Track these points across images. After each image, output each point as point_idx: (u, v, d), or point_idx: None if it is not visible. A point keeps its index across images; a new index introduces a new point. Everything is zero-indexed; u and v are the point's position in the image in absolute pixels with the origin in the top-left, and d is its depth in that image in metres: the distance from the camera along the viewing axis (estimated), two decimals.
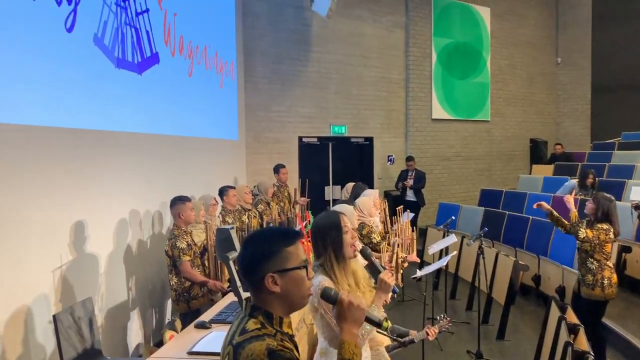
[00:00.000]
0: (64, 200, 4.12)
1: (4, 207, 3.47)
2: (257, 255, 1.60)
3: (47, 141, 3.98)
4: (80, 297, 4.07)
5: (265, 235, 1.68)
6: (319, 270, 2.44)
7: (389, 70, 11.09)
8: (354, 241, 2.48)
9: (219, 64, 7.68)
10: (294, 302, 1.63)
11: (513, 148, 13.28)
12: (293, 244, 1.63)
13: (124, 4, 5.04)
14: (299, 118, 9.84)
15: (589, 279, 4.69)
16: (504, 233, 8.01)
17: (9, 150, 3.58)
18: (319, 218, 2.59)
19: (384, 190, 11.03)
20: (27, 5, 3.68)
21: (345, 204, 4.57)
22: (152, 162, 5.66)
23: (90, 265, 4.46)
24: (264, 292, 1.59)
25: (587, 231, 4.61)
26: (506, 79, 13.04)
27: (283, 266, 1.59)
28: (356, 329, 1.73)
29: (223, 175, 7.69)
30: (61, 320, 3.15)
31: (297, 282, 1.61)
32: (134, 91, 5.28)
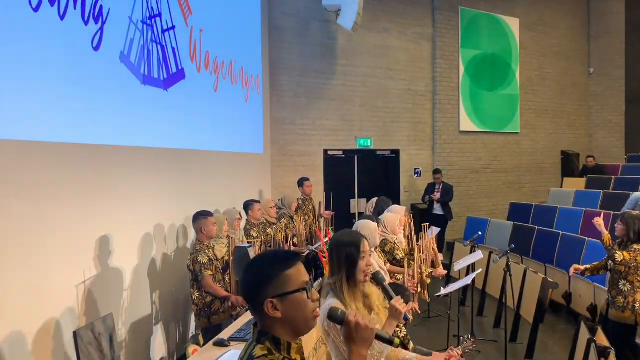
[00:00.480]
0: (89, 215, 4.19)
1: (28, 222, 3.54)
2: (256, 281, 1.58)
3: (73, 157, 4.05)
4: (104, 312, 4.12)
5: (264, 259, 1.65)
6: (331, 292, 2.41)
7: (416, 83, 11.02)
8: (368, 269, 2.43)
9: (244, 79, 7.76)
10: (298, 327, 1.60)
11: (544, 160, 13.01)
12: (292, 267, 1.60)
13: (151, 22, 5.13)
14: (324, 131, 9.85)
15: (619, 301, 4.53)
16: (533, 248, 7.82)
17: (35, 166, 3.65)
18: (341, 234, 2.56)
19: (410, 203, 10.92)
20: (55, 25, 3.78)
21: (369, 220, 4.53)
22: (177, 177, 5.73)
23: (115, 280, 4.52)
24: (267, 318, 1.57)
25: (623, 253, 4.45)
26: (536, 90, 12.81)
27: (282, 290, 1.56)
28: (365, 350, 1.67)
29: (248, 188, 7.74)
30: (81, 336, 3.19)
31: (298, 305, 1.58)
32: (160, 107, 5.36)
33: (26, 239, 3.51)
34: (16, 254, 3.41)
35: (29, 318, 3.47)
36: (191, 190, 5.96)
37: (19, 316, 3.39)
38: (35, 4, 3.55)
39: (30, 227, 3.55)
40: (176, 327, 5.59)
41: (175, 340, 5.54)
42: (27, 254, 3.50)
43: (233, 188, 7.17)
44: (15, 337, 3.31)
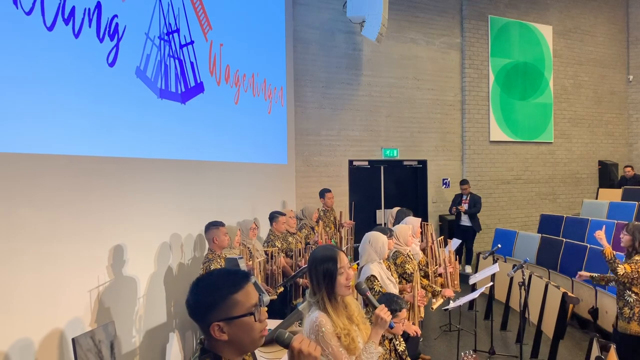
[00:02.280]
0: (104, 225, 4.34)
1: (42, 232, 3.70)
2: (202, 304, 1.59)
3: (89, 169, 4.21)
4: (117, 318, 4.25)
5: (212, 282, 1.64)
6: (314, 306, 2.42)
7: (444, 92, 10.92)
8: (348, 282, 2.43)
9: (267, 91, 7.88)
10: (244, 347, 1.61)
11: (580, 171, 12.63)
12: (240, 290, 1.60)
13: (168, 38, 5.30)
14: (350, 142, 9.87)
15: (626, 312, 4.41)
16: (560, 262, 7.59)
17: (51, 178, 3.82)
18: (318, 250, 2.56)
19: (438, 214, 10.80)
20: (70, 43, 3.96)
21: (379, 232, 4.53)
22: (196, 188, 5.86)
23: (129, 288, 4.65)
24: (213, 339, 1.58)
25: (625, 266, 4.34)
26: (571, 99, 12.48)
27: (229, 314, 1.57)
28: None
29: (271, 199, 7.83)
30: (80, 343, 3.29)
31: (245, 328, 1.59)
32: (178, 120, 5.51)
33: (39, 248, 3.66)
34: (29, 263, 3.57)
35: (40, 325, 3.62)
36: (209, 200, 6.08)
37: (30, 323, 3.53)
38: (49, 23, 3.73)
39: (44, 236, 3.71)
40: (192, 334, 5.69)
41: (191, 348, 5.64)
42: (40, 263, 3.65)
43: (254, 198, 7.28)
44: (24, 344, 3.46)
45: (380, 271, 4.20)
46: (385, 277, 4.22)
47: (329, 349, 2.32)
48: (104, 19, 4.31)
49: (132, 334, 4.71)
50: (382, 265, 4.34)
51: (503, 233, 9.25)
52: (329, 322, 2.35)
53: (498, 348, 6.16)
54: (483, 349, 6.05)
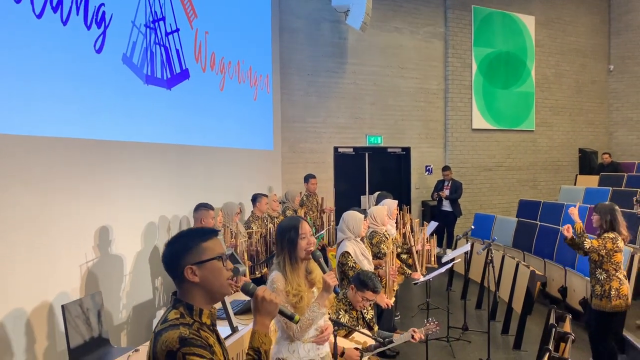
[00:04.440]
0: (93, 206, 4.55)
1: (35, 212, 3.91)
2: (177, 251, 1.81)
3: (79, 152, 4.42)
4: (105, 293, 4.48)
5: (185, 233, 1.88)
6: (276, 267, 2.69)
7: (427, 81, 11.16)
8: (309, 247, 2.69)
9: (252, 78, 8.08)
10: (213, 291, 1.83)
11: (560, 158, 12.95)
12: (209, 240, 1.83)
13: (154, 26, 5.49)
14: (335, 129, 10.10)
15: (597, 290, 4.67)
16: (535, 244, 7.90)
17: (42, 159, 4.02)
18: (283, 221, 2.83)
19: (421, 200, 11.09)
20: (58, 30, 4.15)
21: (355, 212, 4.79)
22: (182, 172, 6.08)
23: (116, 265, 4.89)
24: (186, 284, 1.79)
25: (592, 242, 4.60)
26: (552, 88, 12.76)
27: (200, 258, 1.79)
28: (268, 320, 1.90)
29: (257, 184, 8.05)
30: (69, 310, 3.53)
31: (214, 272, 1.80)
32: (164, 105, 5.71)
33: (32, 227, 3.88)
34: (22, 241, 3.78)
35: (32, 297, 3.84)
36: (195, 184, 6.30)
37: (23, 296, 3.76)
38: (38, 11, 3.92)
39: (36, 216, 3.93)
40: None
41: None
42: (33, 241, 3.87)
43: (240, 183, 7.50)
44: (18, 313, 3.69)
45: (354, 248, 4.45)
46: (360, 253, 4.48)
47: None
48: (91, 7, 4.49)
49: (120, 308, 4.95)
50: (358, 243, 4.59)
51: (482, 217, 9.55)
52: (281, 281, 2.63)
53: (472, 325, 6.46)
54: (457, 325, 6.35)
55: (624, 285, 4.64)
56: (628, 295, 4.68)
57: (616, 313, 4.67)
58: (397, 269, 5.26)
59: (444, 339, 5.92)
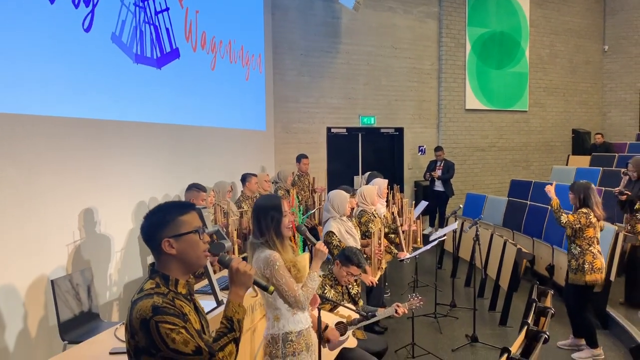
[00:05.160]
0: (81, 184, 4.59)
1: (22, 189, 3.96)
2: (155, 224, 1.87)
3: (66, 130, 4.45)
4: (96, 271, 4.55)
5: (162, 207, 1.93)
6: (264, 246, 2.74)
7: (421, 61, 11.14)
8: (289, 224, 2.76)
9: (244, 58, 8.06)
10: (190, 262, 1.89)
11: (553, 139, 13.00)
12: (187, 214, 1.89)
13: (143, 4, 5.47)
14: (328, 109, 10.11)
15: (573, 264, 4.83)
16: (524, 223, 7.99)
17: (29, 137, 4.05)
18: (262, 199, 2.88)
19: (414, 180, 11.16)
20: (46, 8, 4.15)
21: (340, 191, 4.85)
22: (172, 151, 6.11)
23: (106, 243, 4.95)
24: (163, 255, 1.86)
25: (568, 216, 4.74)
26: (547, 68, 12.76)
27: (177, 231, 1.85)
28: (242, 291, 1.95)
29: (250, 164, 8.09)
30: (59, 285, 3.60)
31: (191, 244, 1.87)
32: (154, 84, 5.72)
33: (20, 204, 3.92)
34: (11, 217, 3.83)
35: (23, 274, 3.90)
36: (186, 163, 6.34)
37: (13, 273, 3.81)
38: None
39: (23, 193, 3.97)
40: None
41: None
42: (21, 218, 3.92)
43: (232, 163, 7.54)
44: (9, 288, 3.75)
45: (339, 227, 4.52)
46: (345, 231, 4.55)
47: (282, 279, 2.65)
48: None
49: (111, 285, 5.03)
50: (343, 221, 4.66)
51: (473, 197, 9.63)
52: (280, 258, 2.68)
53: (460, 302, 6.57)
54: (445, 302, 6.46)
55: (598, 259, 4.78)
56: (602, 269, 4.81)
57: (591, 287, 4.81)
58: (385, 247, 5.35)
59: (432, 315, 6.03)
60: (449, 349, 5.21)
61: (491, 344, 5.29)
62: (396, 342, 5.24)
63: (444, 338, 5.52)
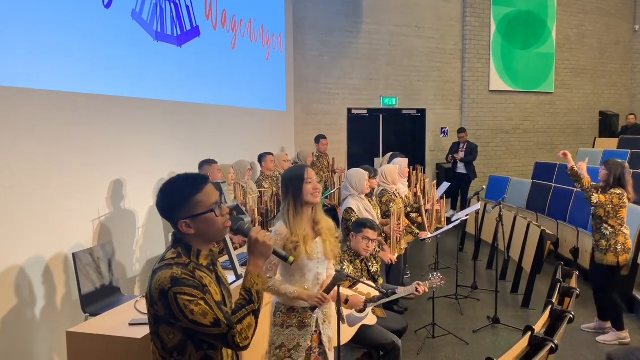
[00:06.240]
0: (102, 161, 4.62)
1: (42, 165, 3.98)
2: (168, 206, 1.82)
3: (87, 107, 4.45)
4: (118, 247, 4.59)
5: (175, 185, 1.85)
6: (280, 216, 2.71)
7: (444, 41, 10.94)
8: (315, 192, 2.69)
9: (265, 37, 8.00)
10: (210, 238, 1.86)
11: (580, 121, 12.69)
12: (201, 191, 1.82)
13: None
14: (349, 90, 10.01)
15: (602, 245, 4.70)
16: (549, 206, 7.84)
17: (49, 114, 4.07)
18: (288, 170, 2.84)
19: (435, 162, 11.03)
20: None
21: (359, 169, 4.80)
22: (193, 129, 6.10)
23: (128, 219, 4.98)
24: (182, 232, 1.82)
25: (599, 196, 4.60)
26: (574, 49, 12.42)
27: (192, 213, 1.80)
28: (262, 261, 1.90)
29: (269, 145, 8.05)
30: (80, 258, 3.63)
31: (208, 223, 1.82)
32: (174, 63, 5.70)
33: (41, 180, 3.95)
34: (32, 192, 3.85)
35: (45, 248, 3.94)
36: (206, 142, 6.33)
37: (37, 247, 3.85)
38: None
39: (44, 169, 3.99)
40: None
41: None
42: (42, 193, 3.95)
43: (252, 143, 7.52)
44: (33, 262, 3.80)
45: (357, 204, 4.47)
46: (364, 209, 4.50)
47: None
48: None
49: (133, 261, 5.08)
50: (362, 199, 4.61)
51: (496, 180, 9.47)
52: (283, 233, 2.63)
53: (481, 284, 6.49)
54: (467, 284, 6.39)
55: (629, 240, 4.72)
56: (632, 250, 4.72)
57: (620, 268, 4.72)
58: (405, 227, 5.29)
59: (452, 297, 5.97)
60: (470, 330, 5.15)
61: (513, 325, 5.22)
62: (416, 323, 5.20)
63: (465, 319, 5.46)
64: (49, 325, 3.90)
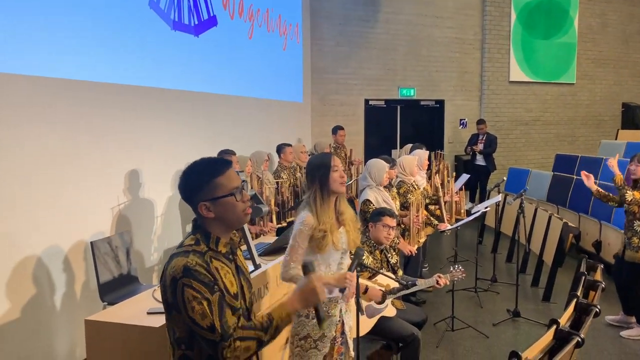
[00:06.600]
0: (120, 150, 4.61)
1: (62, 154, 3.98)
2: (190, 187, 1.79)
3: (104, 95, 4.44)
4: (136, 236, 4.59)
5: (198, 166, 1.82)
6: (306, 204, 2.64)
7: (463, 31, 10.77)
8: (342, 180, 2.64)
9: (282, 27, 7.93)
10: (230, 224, 1.82)
11: (602, 113, 12.45)
12: (222, 174, 1.79)
13: None
14: (366, 80, 9.91)
15: (634, 242, 4.57)
16: (570, 198, 7.69)
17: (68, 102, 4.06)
18: (313, 158, 2.78)
19: (454, 154, 10.90)
20: None
21: (378, 160, 4.72)
22: (209, 120, 6.08)
23: (146, 208, 4.98)
24: (202, 217, 1.79)
25: (633, 193, 4.46)
26: (596, 39, 12.15)
27: (213, 195, 1.76)
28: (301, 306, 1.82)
29: (286, 136, 8.00)
30: (98, 247, 3.63)
31: (228, 207, 1.78)
32: (191, 52, 5.67)
33: (60, 169, 3.95)
34: (51, 181, 3.86)
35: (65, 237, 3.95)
36: (223, 132, 6.31)
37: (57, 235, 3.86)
38: None
39: (63, 158, 3.99)
40: None
41: None
42: (61, 182, 3.95)
43: (268, 133, 7.48)
44: (52, 251, 3.81)
45: (376, 196, 4.40)
46: (382, 200, 4.43)
47: (295, 243, 2.56)
48: None
49: (151, 251, 5.08)
50: (380, 191, 4.54)
51: (516, 172, 9.33)
52: (310, 224, 2.56)
53: (501, 277, 6.39)
54: (486, 277, 6.30)
55: None
56: None
57: None
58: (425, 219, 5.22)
59: (472, 290, 5.89)
60: (489, 323, 5.08)
61: (534, 319, 5.13)
62: (435, 315, 5.14)
63: (485, 312, 5.39)
64: (68, 314, 3.92)
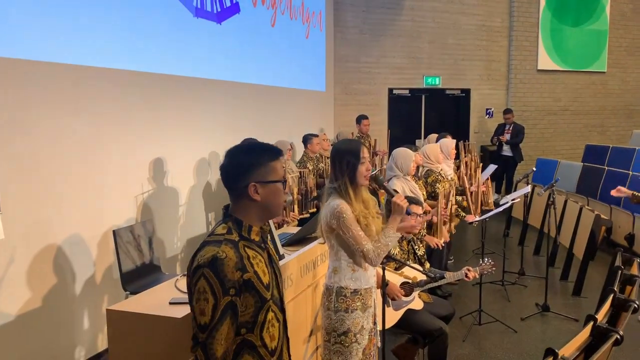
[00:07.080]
0: (144, 138, 4.58)
1: (86, 141, 3.96)
2: (244, 165, 1.72)
3: (128, 83, 4.40)
4: (159, 224, 4.56)
5: (253, 148, 1.78)
6: (334, 193, 2.55)
7: (490, 18, 10.50)
8: (368, 172, 2.55)
9: (305, 15, 7.82)
10: (271, 211, 1.77)
11: (634, 102, 12.05)
12: (276, 160, 1.75)
13: None
14: (390, 69, 9.74)
15: None
16: (601, 190, 7.46)
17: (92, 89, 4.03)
18: (341, 143, 2.68)
19: (480, 145, 10.68)
20: None
21: (405, 149, 4.61)
22: (232, 108, 6.02)
23: (170, 197, 4.95)
24: (245, 199, 1.73)
25: None
26: (629, 26, 11.74)
27: (266, 178, 1.72)
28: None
29: (308, 125, 7.94)
30: (120, 235, 3.60)
31: (275, 193, 1.75)
32: (214, 40, 5.60)
33: (84, 156, 3.93)
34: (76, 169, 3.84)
35: (88, 224, 3.94)
36: (245, 121, 6.25)
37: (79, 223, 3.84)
38: None
39: (88, 145, 3.97)
40: None
41: None
42: (85, 169, 3.93)
43: (292, 123, 7.40)
44: (75, 239, 3.79)
45: (403, 186, 4.30)
46: (409, 190, 4.32)
47: (349, 232, 2.46)
48: None
49: (175, 240, 5.05)
50: (407, 181, 4.43)
51: (544, 162, 9.09)
52: (349, 209, 2.48)
53: (529, 270, 6.24)
54: (513, 270, 6.15)
55: None
56: None
57: None
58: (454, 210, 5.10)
59: (499, 283, 5.75)
60: (517, 317, 4.94)
61: (564, 314, 4.97)
62: (461, 309, 5.02)
63: (512, 306, 5.24)
64: (90, 303, 3.91)
